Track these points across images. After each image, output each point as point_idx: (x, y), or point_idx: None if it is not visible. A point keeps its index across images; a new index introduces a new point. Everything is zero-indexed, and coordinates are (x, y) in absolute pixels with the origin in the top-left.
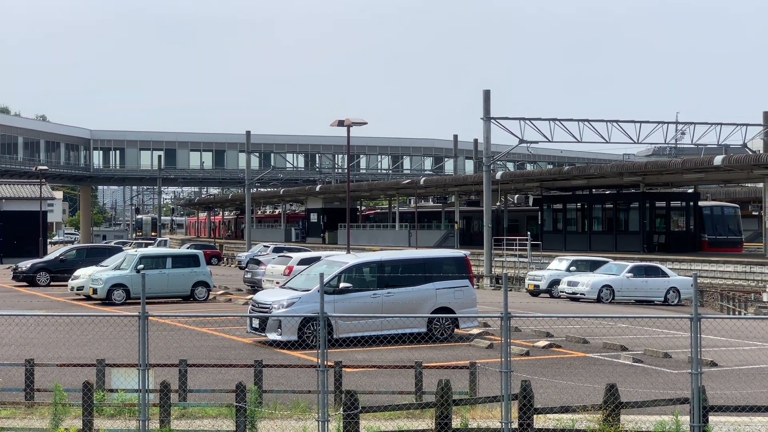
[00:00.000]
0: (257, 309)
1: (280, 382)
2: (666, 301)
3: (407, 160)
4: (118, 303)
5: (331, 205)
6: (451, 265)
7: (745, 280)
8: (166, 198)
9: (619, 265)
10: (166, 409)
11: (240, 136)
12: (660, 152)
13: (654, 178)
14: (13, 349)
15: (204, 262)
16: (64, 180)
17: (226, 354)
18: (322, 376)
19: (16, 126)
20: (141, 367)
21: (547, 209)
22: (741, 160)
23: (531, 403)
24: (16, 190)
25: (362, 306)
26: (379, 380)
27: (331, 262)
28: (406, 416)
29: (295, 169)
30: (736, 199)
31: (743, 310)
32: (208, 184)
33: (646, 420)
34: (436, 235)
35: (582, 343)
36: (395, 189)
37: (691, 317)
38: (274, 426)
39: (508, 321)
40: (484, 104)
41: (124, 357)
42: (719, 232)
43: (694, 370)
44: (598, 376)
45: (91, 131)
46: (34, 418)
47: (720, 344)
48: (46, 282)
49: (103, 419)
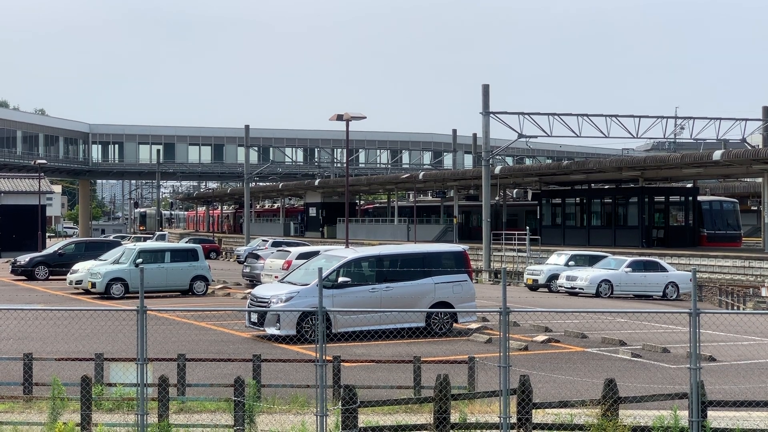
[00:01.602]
0: (256, 303)
1: (279, 376)
2: (665, 296)
3: (406, 154)
4: (117, 297)
5: (330, 199)
6: (450, 260)
7: (743, 275)
8: (164, 192)
9: (617, 260)
10: (165, 404)
11: (239, 131)
12: (659, 147)
13: (653, 173)
14: (12, 343)
15: (203, 257)
16: (63, 174)
17: (225, 348)
18: (321, 371)
19: (14, 120)
20: (139, 361)
21: (546, 204)
22: (740, 154)
23: (530, 398)
24: (15, 184)
25: (361, 300)
26: (377, 375)
27: (329, 257)
28: (404, 411)
29: (294, 164)
30: (735, 193)
31: (742, 305)
32: (206, 179)
33: (645, 415)
34: (435, 230)
35: (581, 338)
36: (394, 183)
37: (690, 312)
38: (273, 420)
39: (507, 316)
40: (483, 99)
41: (122, 351)
42: (718, 227)
43: (692, 365)
44: (597, 371)
45: (90, 125)
46: (32, 412)
47: (719, 339)
48: (45, 276)
49: (102, 413)
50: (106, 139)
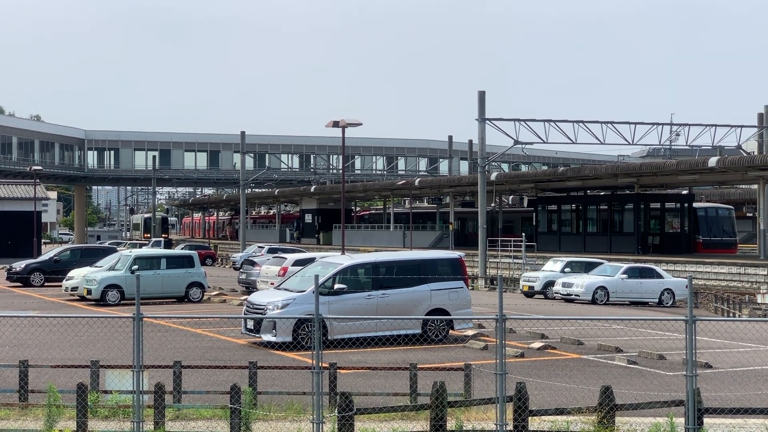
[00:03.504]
0: (252, 310)
1: (275, 383)
2: (660, 303)
3: (402, 160)
4: (113, 304)
5: (326, 205)
6: (446, 266)
7: (739, 282)
8: (160, 198)
9: (613, 267)
10: (161, 411)
11: (235, 137)
12: (655, 153)
13: (649, 180)
14: (7, 350)
15: (198, 263)
16: (59, 180)
17: (221, 355)
18: (317, 378)
19: (10, 126)
20: (135, 368)
21: (542, 210)
22: (735, 161)
23: (526, 405)
24: (11, 190)
25: (357, 307)
26: (373, 382)
27: (325, 263)
28: (401, 418)
29: (290, 170)
30: (731, 200)
31: (738, 311)
32: (202, 185)
33: (641, 422)
34: (431, 236)
35: (577, 345)
36: (390, 190)
37: (686, 319)
38: (269, 428)
39: (504, 323)
40: (479, 105)
41: (118, 358)
42: (714, 233)
43: (689, 372)
44: (593, 378)
45: (86, 131)
46: (28, 419)
47: (715, 346)
48: (41, 282)
49: (98, 420)
50: (102, 145)
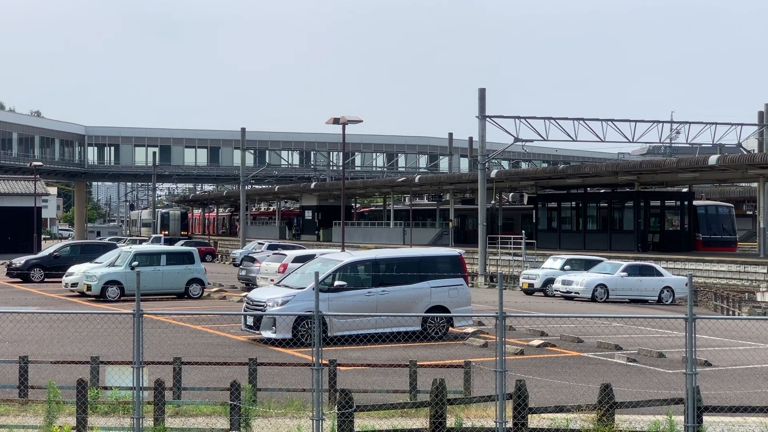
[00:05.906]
0: (252, 307)
1: (275, 380)
2: (660, 301)
3: (402, 157)
4: (113, 300)
5: (326, 202)
6: (446, 264)
7: (739, 280)
8: (160, 194)
9: (613, 264)
10: (161, 407)
11: (235, 133)
12: (655, 151)
13: (649, 178)
14: (7, 346)
15: (198, 260)
16: (59, 176)
17: (221, 352)
18: (317, 375)
19: (10, 122)
20: (135, 364)
21: (542, 208)
22: (736, 159)
23: (525, 403)
24: (11, 186)
25: (357, 304)
26: (373, 379)
27: (326, 260)
28: (400, 415)
29: (290, 167)
30: (731, 198)
31: (737, 309)
32: (202, 181)
33: (641, 420)
34: (431, 233)
35: (576, 343)
36: (390, 187)
37: (686, 317)
38: (269, 424)
39: (504, 320)
40: (480, 103)
41: (118, 354)
42: (714, 231)
43: (688, 370)
44: (593, 376)
45: (86, 127)
46: (27, 415)
47: (714, 344)
48: (40, 278)
49: (97, 417)
50: (102, 141)
